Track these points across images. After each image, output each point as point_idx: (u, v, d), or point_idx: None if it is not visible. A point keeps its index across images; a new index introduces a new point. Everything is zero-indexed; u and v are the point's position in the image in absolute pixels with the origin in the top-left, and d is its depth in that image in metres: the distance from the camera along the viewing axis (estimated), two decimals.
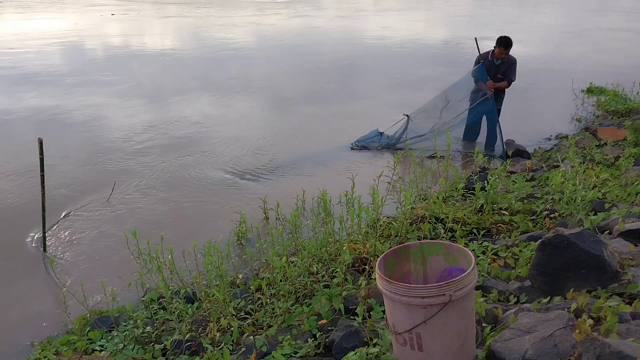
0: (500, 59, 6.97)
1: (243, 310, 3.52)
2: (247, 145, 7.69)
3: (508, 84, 7.09)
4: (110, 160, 7.16)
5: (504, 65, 7.00)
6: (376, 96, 10.65)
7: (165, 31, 21.34)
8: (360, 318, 3.06)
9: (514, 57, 7.04)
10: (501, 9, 30.22)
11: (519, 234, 4.08)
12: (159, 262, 3.55)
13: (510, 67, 6.99)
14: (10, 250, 4.94)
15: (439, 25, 22.60)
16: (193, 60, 14.64)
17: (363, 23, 23.60)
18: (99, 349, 3.38)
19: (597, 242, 2.81)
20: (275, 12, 27.61)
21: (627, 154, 6.01)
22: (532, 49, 15.48)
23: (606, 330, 2.18)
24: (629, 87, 9.65)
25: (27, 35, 18.97)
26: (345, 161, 7.10)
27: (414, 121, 7.67)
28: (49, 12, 28.05)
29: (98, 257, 4.80)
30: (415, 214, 4.45)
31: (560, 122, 8.70)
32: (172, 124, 8.80)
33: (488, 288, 3.20)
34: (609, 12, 27.89)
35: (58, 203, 5.72)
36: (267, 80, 12.23)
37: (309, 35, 19.29)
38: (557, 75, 11.85)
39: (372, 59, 14.64)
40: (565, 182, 4.75)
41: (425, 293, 2.13)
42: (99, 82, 11.75)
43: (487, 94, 7.04)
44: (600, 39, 18.36)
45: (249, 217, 5.00)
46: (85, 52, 15.91)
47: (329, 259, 3.85)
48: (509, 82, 7.07)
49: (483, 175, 5.36)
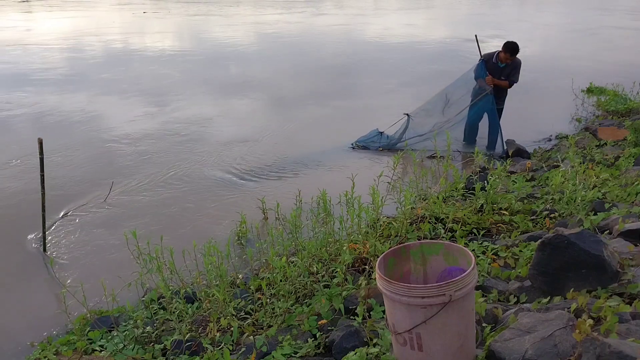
0: (505, 63, 6.98)
1: (243, 310, 3.52)
2: (247, 145, 7.70)
3: (509, 85, 7.09)
4: (110, 159, 7.17)
5: (508, 67, 7.00)
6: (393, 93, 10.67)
7: (193, 29, 21.61)
8: (360, 318, 3.05)
9: (519, 59, 7.02)
10: (517, 8, 30.43)
11: (519, 234, 4.08)
12: (159, 262, 3.55)
13: (515, 69, 6.99)
14: (10, 250, 4.93)
15: (453, 24, 22.62)
16: (212, 59, 14.83)
17: (382, 22, 23.72)
18: (99, 349, 3.38)
19: (597, 242, 2.81)
20: (299, 11, 28.33)
21: (627, 154, 6.01)
22: (533, 48, 15.49)
23: (606, 330, 2.18)
24: (629, 87, 9.65)
25: (72, 32, 19.42)
26: (345, 161, 7.10)
27: (415, 120, 7.66)
28: (80, 10, 28.51)
29: (98, 257, 4.80)
30: (415, 214, 4.45)
31: (560, 122, 8.71)
32: (188, 123, 8.81)
33: (488, 288, 3.20)
34: (611, 11, 27.94)
35: (57, 202, 5.71)
36: (284, 79, 12.32)
37: (331, 34, 19.57)
38: (557, 75, 11.84)
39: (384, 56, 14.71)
40: (565, 182, 4.75)
41: (425, 293, 2.13)
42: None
43: (487, 90, 7.04)
44: (609, 37, 18.39)
45: (249, 217, 5.00)
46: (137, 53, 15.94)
47: (329, 259, 3.85)
48: (511, 84, 7.07)
49: (483, 175, 5.36)
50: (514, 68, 6.99)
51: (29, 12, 28.31)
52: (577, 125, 8.60)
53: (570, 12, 28.13)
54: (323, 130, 8.43)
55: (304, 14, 26.80)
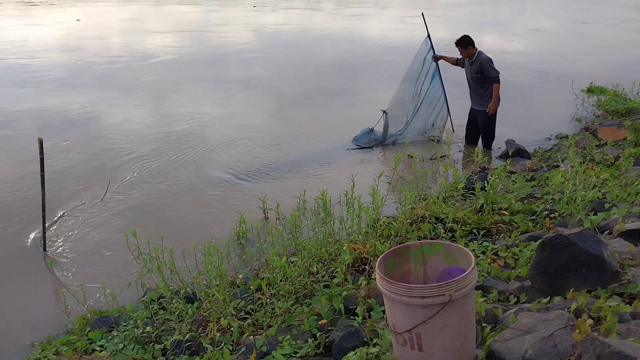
0: (468, 57, 7.19)
1: (243, 310, 3.52)
2: (247, 145, 7.70)
3: (495, 87, 7.04)
4: (109, 159, 7.16)
5: (474, 64, 7.13)
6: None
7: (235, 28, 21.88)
8: (360, 318, 3.06)
9: (485, 54, 7.14)
10: (516, 8, 30.56)
11: (519, 234, 4.08)
12: (159, 262, 3.55)
13: (484, 66, 7.05)
14: (10, 250, 4.93)
15: (452, 25, 22.65)
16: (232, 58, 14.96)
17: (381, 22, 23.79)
18: (99, 349, 3.38)
19: (597, 242, 2.81)
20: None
21: (627, 154, 6.01)
22: (533, 48, 15.50)
23: (606, 330, 2.18)
24: (629, 87, 9.65)
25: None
26: (345, 161, 7.10)
27: (392, 115, 7.87)
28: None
29: (98, 256, 4.80)
30: (415, 213, 4.45)
31: (560, 122, 8.70)
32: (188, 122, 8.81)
33: (488, 288, 3.20)
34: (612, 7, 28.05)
35: (57, 202, 5.71)
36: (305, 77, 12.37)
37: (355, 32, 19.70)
38: (557, 75, 11.85)
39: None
40: (565, 182, 4.75)
41: (425, 293, 2.13)
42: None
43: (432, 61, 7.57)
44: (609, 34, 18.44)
45: (249, 217, 5.00)
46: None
47: (329, 259, 3.85)
48: (493, 82, 7.04)
49: (483, 175, 5.36)
50: (480, 63, 7.06)
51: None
52: (577, 125, 8.60)
53: (573, 9, 28.17)
54: (323, 131, 8.43)
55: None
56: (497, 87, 7.04)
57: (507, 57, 13.66)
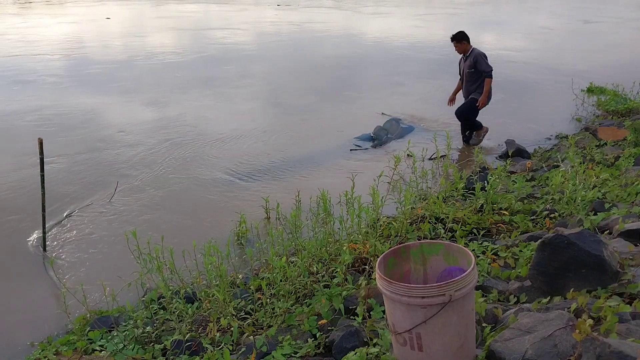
0: (462, 52, 7.31)
1: (243, 310, 3.52)
2: (247, 145, 7.70)
3: (487, 82, 7.16)
4: (110, 160, 7.16)
5: (469, 58, 7.25)
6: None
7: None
8: (360, 318, 3.06)
9: (479, 50, 7.28)
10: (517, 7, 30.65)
11: (519, 234, 4.08)
12: (159, 262, 3.55)
13: (478, 60, 7.17)
14: (10, 250, 4.93)
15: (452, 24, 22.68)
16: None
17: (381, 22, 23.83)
18: (99, 349, 3.38)
19: (597, 242, 2.81)
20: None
21: (627, 154, 6.00)
22: (532, 48, 15.50)
23: (606, 330, 2.18)
24: (629, 86, 9.65)
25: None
26: (345, 161, 7.10)
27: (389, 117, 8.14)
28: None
29: (98, 257, 4.80)
30: (415, 214, 4.45)
31: (560, 122, 8.70)
32: (204, 122, 8.80)
33: (488, 288, 3.20)
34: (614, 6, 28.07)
35: (60, 203, 5.72)
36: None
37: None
38: (557, 75, 11.83)
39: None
40: (565, 182, 4.75)
41: (425, 293, 2.13)
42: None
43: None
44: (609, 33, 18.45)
45: (249, 217, 5.00)
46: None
47: (329, 259, 3.85)
48: (486, 76, 7.17)
49: (483, 175, 5.36)
50: (475, 57, 7.19)
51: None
52: (577, 125, 8.59)
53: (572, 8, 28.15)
54: (323, 130, 8.43)
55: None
56: (488, 82, 7.16)
57: (507, 56, 13.69)
